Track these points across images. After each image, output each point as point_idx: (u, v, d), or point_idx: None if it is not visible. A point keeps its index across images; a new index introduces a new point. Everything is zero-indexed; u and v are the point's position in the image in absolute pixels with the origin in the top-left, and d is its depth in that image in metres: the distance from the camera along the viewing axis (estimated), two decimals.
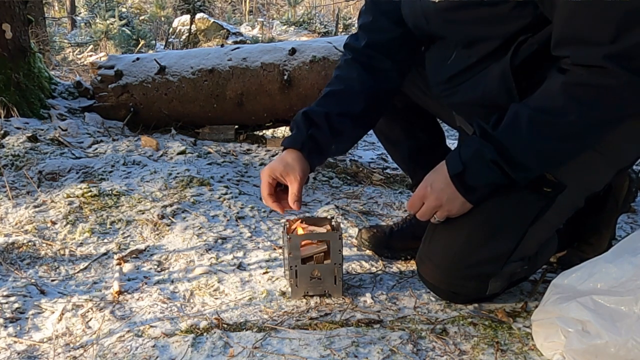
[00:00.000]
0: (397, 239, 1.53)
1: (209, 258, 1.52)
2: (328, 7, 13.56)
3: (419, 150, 1.55)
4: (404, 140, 1.55)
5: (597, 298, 0.95)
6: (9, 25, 2.45)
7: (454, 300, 1.28)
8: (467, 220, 1.16)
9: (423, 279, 1.28)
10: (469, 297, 1.27)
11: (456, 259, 1.18)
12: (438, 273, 1.22)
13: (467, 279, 1.19)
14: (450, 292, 1.25)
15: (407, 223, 1.55)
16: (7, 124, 2.28)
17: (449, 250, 1.19)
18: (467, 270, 1.18)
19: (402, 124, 1.53)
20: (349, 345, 1.11)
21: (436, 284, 1.24)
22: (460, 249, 1.17)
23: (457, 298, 1.27)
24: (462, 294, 1.25)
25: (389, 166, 2.59)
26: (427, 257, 1.24)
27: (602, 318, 0.93)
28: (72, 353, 1.13)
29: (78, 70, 4.85)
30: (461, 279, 1.20)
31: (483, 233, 1.16)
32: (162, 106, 2.58)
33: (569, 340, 0.98)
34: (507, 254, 1.16)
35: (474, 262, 1.16)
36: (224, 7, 13.73)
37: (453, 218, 1.16)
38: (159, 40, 9.18)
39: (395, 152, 1.62)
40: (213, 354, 1.10)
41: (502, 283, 1.22)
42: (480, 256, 1.16)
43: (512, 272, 1.21)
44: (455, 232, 1.18)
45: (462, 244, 1.17)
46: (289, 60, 2.44)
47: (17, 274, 1.43)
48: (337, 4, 11.33)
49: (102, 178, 1.96)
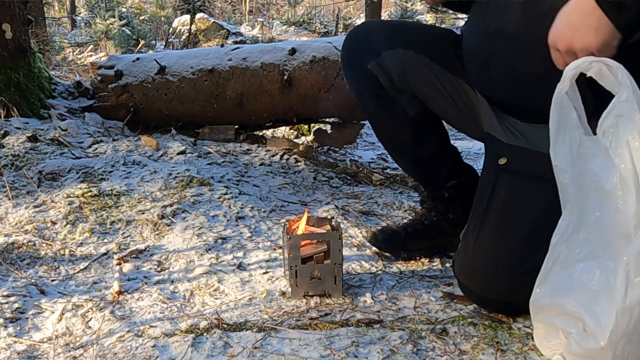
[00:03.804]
0: (413, 240, 1.50)
1: (209, 258, 1.52)
2: (328, 7, 13.56)
3: (429, 158, 1.49)
4: (412, 149, 1.48)
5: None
6: (9, 25, 2.45)
7: (506, 312, 1.20)
8: (516, 225, 1.12)
9: (467, 291, 1.22)
10: (523, 307, 1.11)
11: (509, 266, 1.12)
12: (488, 283, 1.15)
13: (520, 287, 1.10)
14: (502, 303, 1.19)
15: (420, 223, 1.52)
16: (7, 124, 2.28)
17: (500, 258, 1.13)
18: (521, 277, 1.10)
19: (411, 133, 1.45)
20: (349, 345, 1.11)
21: (487, 295, 1.18)
22: (512, 256, 1.12)
23: (509, 309, 1.20)
24: (514, 303, 1.17)
25: (389, 166, 2.60)
26: (471, 267, 1.17)
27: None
28: (72, 353, 1.13)
29: (78, 70, 4.85)
30: (514, 288, 1.13)
31: (535, 238, 1.09)
32: (162, 106, 2.58)
33: (568, 342, 0.99)
34: None
35: (527, 268, 1.08)
36: (224, 7, 13.73)
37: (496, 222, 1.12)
38: (159, 40, 9.18)
39: (402, 159, 1.57)
40: (213, 354, 1.10)
41: None
42: (534, 262, 1.06)
43: None
44: (504, 239, 1.13)
45: (514, 250, 1.12)
46: (289, 60, 2.44)
47: (17, 274, 1.43)
48: (337, 4, 11.33)
49: (102, 178, 1.96)
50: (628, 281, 0.87)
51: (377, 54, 1.36)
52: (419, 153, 1.49)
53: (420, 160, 1.51)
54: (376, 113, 1.48)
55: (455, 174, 1.50)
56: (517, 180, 1.17)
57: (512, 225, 1.14)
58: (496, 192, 1.18)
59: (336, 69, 2.35)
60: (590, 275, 0.96)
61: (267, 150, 2.40)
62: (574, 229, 0.99)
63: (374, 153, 2.88)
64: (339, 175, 2.27)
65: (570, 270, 0.99)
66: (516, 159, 1.18)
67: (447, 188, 1.49)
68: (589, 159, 0.93)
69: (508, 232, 1.14)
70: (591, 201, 0.95)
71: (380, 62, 1.36)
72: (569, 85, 0.94)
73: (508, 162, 1.19)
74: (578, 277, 0.97)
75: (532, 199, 1.15)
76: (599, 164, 0.92)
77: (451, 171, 1.50)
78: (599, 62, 0.90)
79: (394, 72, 1.36)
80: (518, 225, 1.13)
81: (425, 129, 1.46)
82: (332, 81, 2.35)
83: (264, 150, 2.41)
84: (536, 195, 1.14)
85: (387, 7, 12.55)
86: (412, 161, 1.53)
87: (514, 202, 1.17)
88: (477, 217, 1.21)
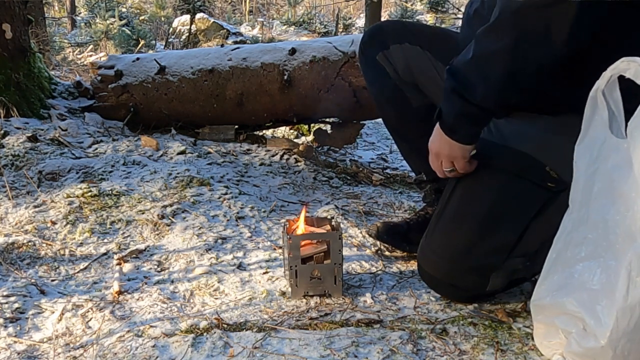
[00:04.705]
0: (416, 232, 1.52)
1: (209, 258, 1.52)
2: (328, 7, 13.56)
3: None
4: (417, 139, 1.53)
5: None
6: (9, 25, 2.45)
7: (453, 296, 1.29)
8: (469, 211, 1.20)
9: (423, 272, 1.29)
10: (469, 293, 1.27)
11: (459, 250, 1.20)
12: (440, 265, 1.23)
13: (469, 271, 1.21)
14: (450, 286, 1.26)
15: (422, 217, 1.57)
16: (7, 124, 2.28)
17: (452, 242, 1.21)
18: (470, 261, 1.19)
19: (416, 122, 1.52)
20: (349, 345, 1.11)
21: (437, 276, 1.25)
22: (462, 240, 1.19)
23: (456, 293, 1.28)
24: (461, 288, 1.26)
25: (389, 166, 2.60)
26: (429, 249, 1.25)
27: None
28: (72, 353, 1.13)
29: (78, 70, 4.85)
30: (463, 271, 1.21)
31: (485, 224, 1.18)
32: (162, 106, 2.58)
33: (568, 342, 0.98)
34: (509, 246, 1.18)
35: (476, 253, 1.18)
36: (224, 7, 13.73)
37: (453, 209, 1.21)
38: (159, 40, 9.18)
39: (407, 148, 1.62)
40: (213, 354, 1.10)
41: (503, 280, 1.23)
42: (483, 247, 1.18)
43: (514, 269, 1.21)
44: (457, 224, 1.21)
45: (465, 234, 1.19)
46: (289, 60, 2.44)
47: (17, 274, 1.43)
48: (337, 4, 11.33)
49: (102, 178, 1.96)
50: (630, 280, 0.87)
51: (386, 47, 1.47)
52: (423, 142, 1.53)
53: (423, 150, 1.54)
54: (384, 103, 1.56)
55: None
56: (479, 170, 1.23)
57: (466, 212, 1.21)
58: (460, 181, 1.25)
59: (336, 69, 2.35)
60: (592, 275, 0.95)
61: (267, 150, 2.40)
62: (576, 228, 0.99)
63: (374, 153, 2.88)
64: (339, 175, 2.27)
65: (571, 270, 0.99)
66: (483, 151, 1.24)
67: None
68: (609, 159, 0.93)
69: (462, 218, 1.21)
70: (601, 201, 0.94)
71: (388, 55, 1.47)
72: (604, 85, 0.94)
73: (475, 154, 1.24)
74: (579, 277, 0.97)
75: (487, 189, 1.22)
76: (617, 165, 0.91)
77: None
78: (635, 62, 0.90)
79: (400, 64, 1.46)
80: (471, 212, 1.21)
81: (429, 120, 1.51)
82: (332, 81, 2.35)
83: (264, 150, 2.41)
84: (491, 186, 1.21)
85: (387, 7, 12.55)
86: (415, 150, 1.58)
87: (471, 190, 1.24)
88: (442, 204, 1.28)
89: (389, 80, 1.49)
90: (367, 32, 1.61)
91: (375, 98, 1.61)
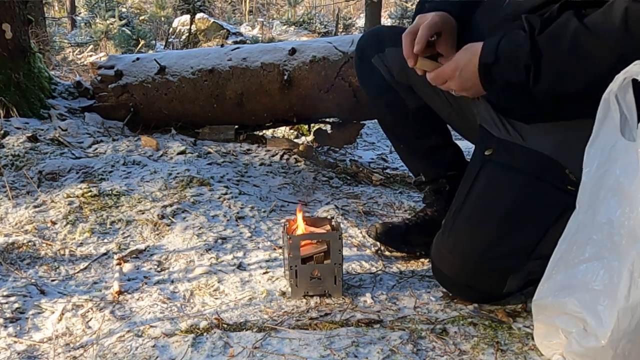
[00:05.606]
0: (415, 234, 1.53)
1: (209, 258, 1.52)
2: (328, 7, 13.57)
3: (429, 149, 1.55)
4: (413, 140, 1.56)
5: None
6: (9, 25, 2.45)
7: (467, 297, 1.27)
8: (489, 211, 1.18)
9: (438, 272, 1.28)
10: (484, 294, 1.25)
11: (479, 251, 1.18)
12: (458, 265, 1.21)
13: (488, 272, 1.19)
14: (466, 287, 1.24)
15: (421, 218, 1.56)
16: (7, 124, 2.28)
17: (471, 242, 1.19)
18: (490, 263, 1.18)
19: (413, 124, 1.53)
20: (349, 345, 1.11)
21: (454, 276, 1.24)
22: (483, 241, 1.18)
23: (470, 293, 1.26)
24: (477, 289, 1.24)
25: (389, 166, 2.60)
26: (445, 248, 1.23)
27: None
28: (72, 353, 1.13)
29: (78, 70, 4.85)
30: (482, 273, 1.20)
31: (506, 225, 1.17)
32: (162, 106, 2.58)
33: (569, 342, 0.98)
34: (530, 249, 1.17)
35: (496, 254, 1.17)
36: (224, 7, 13.74)
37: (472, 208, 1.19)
38: (159, 40, 9.18)
39: (404, 150, 1.62)
40: (213, 354, 1.10)
41: (519, 282, 1.22)
42: (503, 249, 1.16)
43: (530, 271, 1.19)
44: (478, 224, 1.19)
45: (485, 235, 1.18)
46: (289, 60, 2.44)
47: (17, 274, 1.43)
48: (337, 4, 11.33)
49: (102, 178, 1.96)
50: (632, 280, 0.87)
51: (382, 50, 1.47)
52: (419, 144, 1.56)
53: (420, 151, 1.57)
54: (380, 105, 1.56)
55: (456, 166, 1.54)
56: (498, 170, 1.22)
57: (486, 213, 1.20)
58: (477, 180, 1.24)
59: (336, 69, 2.35)
60: (594, 275, 0.95)
61: (267, 150, 2.40)
62: (582, 229, 0.99)
63: (374, 153, 2.88)
64: (339, 175, 2.27)
65: (574, 270, 0.99)
66: (501, 150, 1.23)
67: (447, 177, 1.54)
68: (618, 161, 0.93)
69: (481, 218, 1.20)
70: (607, 202, 0.94)
71: (383, 58, 1.47)
72: (617, 88, 0.93)
73: (493, 153, 1.23)
74: (582, 277, 0.97)
75: (507, 189, 1.20)
76: (625, 167, 0.91)
77: (452, 162, 1.56)
78: None
79: (395, 67, 1.45)
80: (491, 213, 1.19)
81: (425, 122, 1.53)
82: (332, 81, 2.35)
83: (264, 150, 2.41)
84: (511, 186, 1.19)
85: (387, 7, 12.56)
86: (412, 151, 1.59)
87: (490, 191, 1.22)
88: (458, 203, 1.26)
89: (384, 82, 1.49)
90: (363, 35, 1.60)
91: (370, 100, 1.60)
